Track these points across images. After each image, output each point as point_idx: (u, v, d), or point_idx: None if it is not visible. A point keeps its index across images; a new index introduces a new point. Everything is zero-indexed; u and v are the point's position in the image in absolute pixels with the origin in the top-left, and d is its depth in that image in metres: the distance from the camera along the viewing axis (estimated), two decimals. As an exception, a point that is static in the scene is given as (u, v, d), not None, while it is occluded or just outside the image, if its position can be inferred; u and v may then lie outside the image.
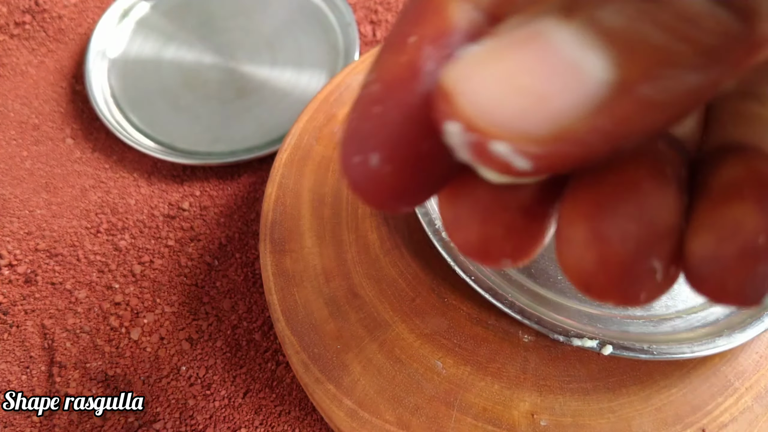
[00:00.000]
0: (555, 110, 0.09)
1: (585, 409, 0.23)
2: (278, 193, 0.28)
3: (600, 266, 0.11)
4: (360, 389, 0.24)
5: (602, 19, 0.09)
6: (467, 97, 0.09)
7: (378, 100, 0.11)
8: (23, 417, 0.26)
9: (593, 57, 0.09)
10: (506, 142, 0.09)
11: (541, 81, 0.09)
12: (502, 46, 0.10)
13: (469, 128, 0.09)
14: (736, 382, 0.24)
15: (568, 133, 0.09)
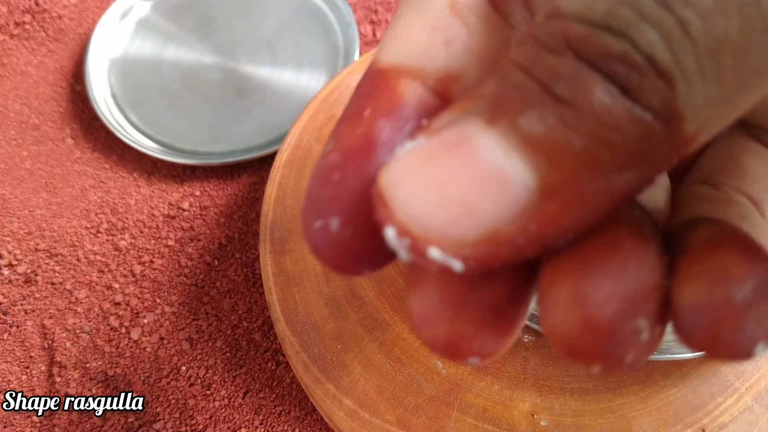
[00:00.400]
0: (482, 218, 0.09)
1: (585, 409, 0.23)
2: (278, 193, 0.28)
3: (584, 328, 0.10)
4: (360, 389, 0.24)
5: (524, 126, 0.09)
6: (400, 204, 0.10)
7: (336, 167, 0.11)
8: (23, 417, 0.27)
9: (516, 164, 0.09)
10: (438, 247, 0.10)
11: (468, 190, 0.09)
12: (432, 149, 0.10)
13: (404, 234, 0.10)
14: (736, 382, 0.24)
15: (497, 237, 0.10)
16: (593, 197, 0.10)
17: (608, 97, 0.09)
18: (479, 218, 0.09)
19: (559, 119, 0.09)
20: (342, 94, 0.31)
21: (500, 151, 0.09)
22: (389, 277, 0.26)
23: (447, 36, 0.12)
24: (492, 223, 0.09)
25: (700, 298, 0.10)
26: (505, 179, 0.09)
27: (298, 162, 0.29)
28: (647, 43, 0.09)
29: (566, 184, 0.09)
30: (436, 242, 0.10)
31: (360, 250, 0.11)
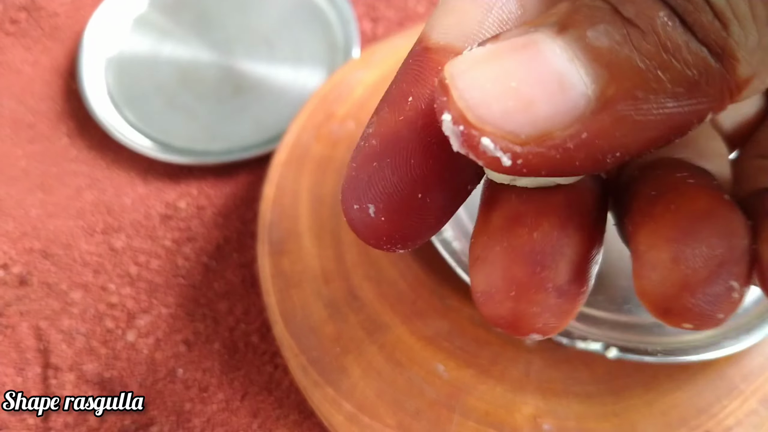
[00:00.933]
0: (538, 115, 0.10)
1: (589, 413, 0.23)
2: (276, 193, 0.28)
3: (682, 288, 0.11)
4: (360, 393, 0.23)
5: (591, 39, 0.10)
6: (460, 93, 0.10)
7: (375, 155, 0.12)
8: (18, 419, 0.26)
9: (578, 71, 0.10)
10: (491, 138, 0.10)
11: (529, 86, 0.10)
12: (499, 49, 0.10)
13: (459, 121, 0.10)
14: (742, 385, 0.24)
15: (549, 138, 0.10)
16: (646, 117, 0.10)
17: (670, 25, 0.09)
18: (535, 115, 0.10)
19: (624, 37, 0.10)
20: (341, 92, 0.31)
21: (565, 56, 0.10)
22: (390, 278, 0.26)
23: (501, 16, 0.12)
24: (546, 122, 0.10)
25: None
26: (566, 83, 0.10)
27: (297, 161, 0.29)
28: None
29: (623, 99, 0.10)
30: (489, 133, 0.10)
31: (394, 234, 0.12)
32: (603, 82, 0.10)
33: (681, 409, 0.23)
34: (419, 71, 0.12)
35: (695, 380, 0.24)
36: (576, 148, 0.10)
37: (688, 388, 0.24)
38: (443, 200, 0.12)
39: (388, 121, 0.12)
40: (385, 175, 0.12)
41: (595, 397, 0.23)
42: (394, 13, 0.38)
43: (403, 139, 0.12)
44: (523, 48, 0.10)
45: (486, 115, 0.10)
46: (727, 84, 0.10)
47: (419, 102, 0.12)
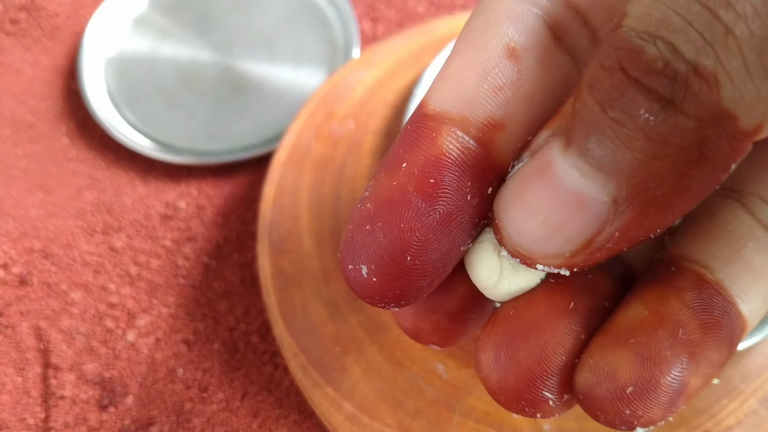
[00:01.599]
0: (570, 234, 0.11)
1: (588, 413, 0.23)
2: (276, 192, 0.28)
3: (500, 389, 0.12)
4: (360, 393, 0.23)
5: (590, 150, 0.10)
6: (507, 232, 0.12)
7: (368, 218, 0.12)
8: (18, 419, 0.26)
9: (589, 184, 0.11)
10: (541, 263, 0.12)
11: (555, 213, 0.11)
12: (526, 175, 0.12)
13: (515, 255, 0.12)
14: (741, 385, 0.24)
15: (588, 246, 0.11)
16: (665, 199, 0.11)
17: (652, 115, 0.10)
18: (568, 235, 0.11)
19: (616, 141, 0.10)
20: (341, 92, 0.31)
21: (576, 174, 0.11)
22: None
23: (497, 83, 0.12)
24: (580, 237, 0.11)
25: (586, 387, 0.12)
26: (584, 199, 0.11)
27: (297, 161, 0.29)
28: (692, 48, 0.09)
29: (636, 195, 0.10)
30: (540, 260, 0.12)
31: (386, 293, 0.13)
32: (613, 187, 0.10)
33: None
34: (415, 137, 0.13)
35: (695, 380, 0.24)
36: (616, 243, 0.11)
37: (688, 388, 0.24)
38: (434, 262, 0.12)
39: (383, 185, 0.13)
40: (377, 237, 0.12)
41: (594, 397, 0.23)
42: (394, 13, 0.38)
43: (394, 203, 0.12)
44: (541, 173, 0.11)
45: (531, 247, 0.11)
46: (735, 139, 0.10)
47: (413, 168, 0.12)
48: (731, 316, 0.13)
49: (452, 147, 0.12)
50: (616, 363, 0.12)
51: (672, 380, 0.12)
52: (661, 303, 0.12)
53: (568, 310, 0.12)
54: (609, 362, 0.12)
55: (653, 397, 0.11)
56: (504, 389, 0.12)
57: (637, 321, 0.12)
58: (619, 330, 0.12)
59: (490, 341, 0.13)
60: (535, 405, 0.12)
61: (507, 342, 0.12)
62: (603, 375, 0.12)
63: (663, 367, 0.11)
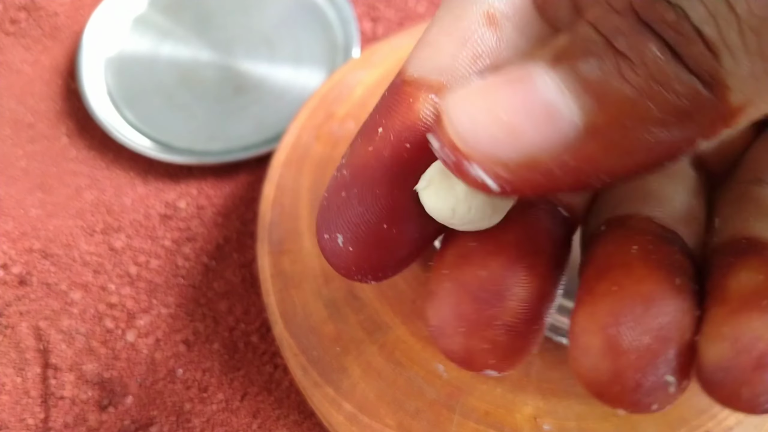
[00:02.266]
0: (524, 143, 0.10)
1: (589, 413, 0.23)
2: (276, 192, 0.28)
3: (614, 377, 0.11)
4: (360, 393, 0.23)
5: (582, 70, 0.10)
6: (452, 121, 0.10)
7: (344, 185, 0.12)
8: (18, 419, 0.26)
9: (567, 100, 0.10)
10: (478, 165, 0.10)
11: (517, 116, 0.10)
12: (495, 82, 0.11)
13: (449, 147, 0.10)
14: (742, 385, 0.24)
15: (535, 164, 0.10)
16: (634, 145, 0.10)
17: (660, 56, 0.10)
18: (522, 143, 0.10)
19: (615, 68, 0.10)
20: (341, 92, 0.31)
21: (555, 87, 0.10)
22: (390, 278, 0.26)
23: (476, 50, 0.12)
24: (533, 149, 0.10)
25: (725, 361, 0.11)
26: (554, 112, 0.10)
27: (297, 161, 0.29)
28: (697, 16, 0.09)
29: (610, 127, 0.10)
30: (476, 159, 0.10)
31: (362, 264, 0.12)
32: (592, 111, 0.10)
33: (681, 409, 0.23)
34: (392, 103, 0.12)
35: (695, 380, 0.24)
36: (563, 174, 0.10)
37: (689, 388, 0.24)
38: (411, 232, 0.12)
39: (359, 151, 0.12)
40: (352, 204, 0.12)
41: (595, 397, 0.23)
42: (394, 13, 0.38)
43: (369, 169, 0.12)
44: (516, 80, 0.10)
45: (474, 143, 0.10)
46: (718, 111, 0.10)
47: (388, 133, 0.12)
48: None
49: (429, 113, 0.12)
50: (758, 327, 0.11)
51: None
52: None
53: (677, 286, 0.12)
54: (751, 328, 0.11)
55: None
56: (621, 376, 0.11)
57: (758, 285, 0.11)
58: (741, 296, 0.11)
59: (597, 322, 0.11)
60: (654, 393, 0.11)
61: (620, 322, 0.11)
62: (746, 342, 0.11)
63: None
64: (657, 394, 0.11)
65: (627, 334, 0.11)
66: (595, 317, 0.11)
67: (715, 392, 0.11)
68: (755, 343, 0.11)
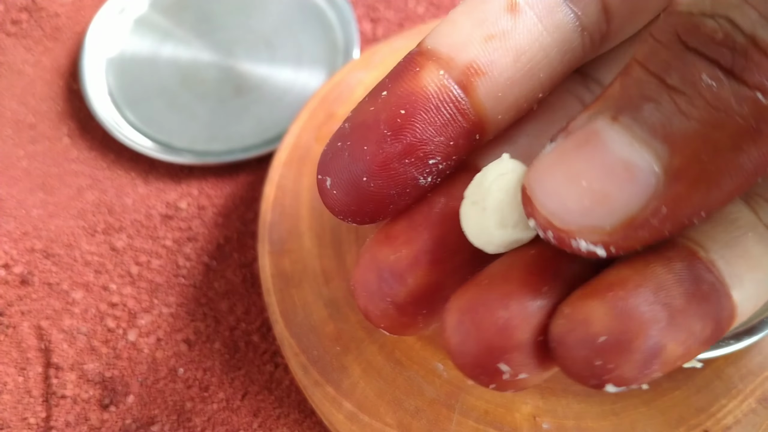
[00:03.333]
0: (615, 205, 0.10)
1: (588, 412, 0.23)
2: (277, 193, 0.28)
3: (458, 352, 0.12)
4: (360, 392, 0.23)
5: (645, 117, 0.10)
6: (540, 201, 0.11)
7: (343, 136, 0.13)
8: (19, 419, 0.26)
9: (641, 152, 0.10)
10: (579, 237, 0.11)
11: (599, 181, 0.10)
12: (566, 148, 0.11)
13: (547, 227, 0.11)
14: (740, 384, 0.24)
15: (632, 222, 0.10)
16: (717, 175, 0.10)
17: (715, 81, 0.10)
18: (612, 206, 0.10)
19: (673, 108, 0.10)
20: (341, 93, 0.31)
21: (625, 142, 0.10)
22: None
23: (490, 31, 0.13)
24: (625, 209, 0.10)
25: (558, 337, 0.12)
26: (633, 167, 0.10)
27: (297, 161, 0.29)
28: (749, 23, 0.09)
29: (688, 166, 0.10)
30: (576, 233, 0.11)
31: (344, 208, 0.13)
32: (666, 155, 0.10)
33: (680, 408, 0.23)
34: (402, 70, 0.13)
35: (694, 380, 0.24)
36: (661, 222, 0.11)
37: (687, 387, 0.24)
38: (387, 188, 0.13)
39: (362, 108, 0.13)
40: (343, 155, 0.13)
41: (594, 396, 0.24)
42: (393, 14, 0.38)
43: (365, 126, 0.13)
44: (586, 143, 0.11)
45: (569, 218, 0.11)
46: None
47: (391, 97, 0.13)
48: (720, 295, 0.12)
49: (431, 83, 0.13)
50: (591, 312, 0.11)
51: (647, 337, 0.11)
52: (646, 266, 0.12)
53: (541, 292, 0.12)
54: (584, 311, 0.11)
55: (626, 351, 0.11)
56: (462, 354, 0.12)
57: (619, 279, 0.12)
58: (598, 285, 0.12)
59: (458, 305, 0.12)
60: (491, 375, 0.12)
61: (473, 309, 0.12)
62: (577, 322, 0.11)
63: (639, 321, 0.11)
64: (494, 377, 0.12)
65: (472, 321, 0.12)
66: (459, 298, 0.13)
67: (555, 360, 0.12)
68: (585, 324, 0.11)
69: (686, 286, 0.12)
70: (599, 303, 0.11)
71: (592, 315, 0.11)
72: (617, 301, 0.11)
